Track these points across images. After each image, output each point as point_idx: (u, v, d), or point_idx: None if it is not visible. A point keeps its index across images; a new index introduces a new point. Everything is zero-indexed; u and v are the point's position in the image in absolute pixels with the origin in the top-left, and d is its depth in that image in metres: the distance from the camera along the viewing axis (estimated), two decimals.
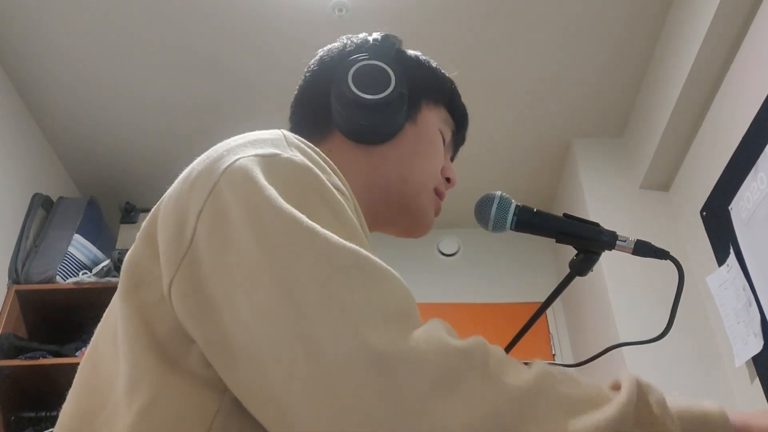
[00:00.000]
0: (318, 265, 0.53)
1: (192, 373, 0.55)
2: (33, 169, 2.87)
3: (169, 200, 0.62)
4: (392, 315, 0.53)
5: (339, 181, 0.65)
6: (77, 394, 0.64)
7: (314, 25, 2.40)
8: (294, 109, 0.89)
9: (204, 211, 0.57)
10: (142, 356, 0.56)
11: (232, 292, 0.53)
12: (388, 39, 0.87)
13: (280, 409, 0.50)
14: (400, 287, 0.56)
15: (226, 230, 0.55)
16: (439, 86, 0.91)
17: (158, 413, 0.54)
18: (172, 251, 0.57)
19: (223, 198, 0.57)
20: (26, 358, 2.43)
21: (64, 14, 2.40)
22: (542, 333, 3.19)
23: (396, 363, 0.49)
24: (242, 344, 0.52)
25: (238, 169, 0.58)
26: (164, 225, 0.60)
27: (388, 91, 0.80)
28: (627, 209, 2.70)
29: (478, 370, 0.51)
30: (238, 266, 0.53)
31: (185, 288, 0.55)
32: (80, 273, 2.68)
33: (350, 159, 0.81)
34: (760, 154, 1.90)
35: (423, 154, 0.86)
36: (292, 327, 0.50)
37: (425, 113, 0.87)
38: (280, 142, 0.64)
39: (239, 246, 0.54)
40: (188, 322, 0.55)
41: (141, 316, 0.58)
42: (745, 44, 2.05)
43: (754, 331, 1.96)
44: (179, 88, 2.73)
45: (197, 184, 0.60)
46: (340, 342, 0.49)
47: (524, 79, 2.69)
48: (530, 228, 0.86)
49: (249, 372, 0.51)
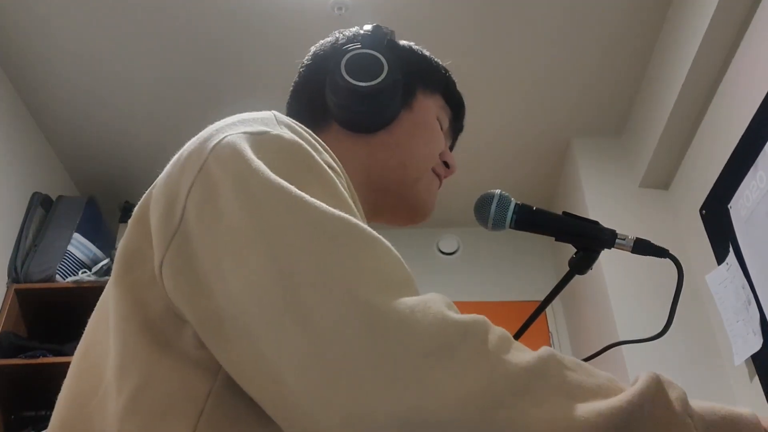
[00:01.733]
0: (308, 233, 0.52)
1: (184, 355, 0.55)
2: (32, 168, 2.87)
3: (160, 183, 0.62)
4: (385, 282, 0.52)
5: (331, 159, 0.64)
6: (70, 381, 0.64)
7: (314, 25, 2.39)
8: (290, 104, 0.89)
9: (193, 188, 0.57)
10: (133, 338, 0.56)
11: (222, 266, 0.53)
12: (379, 29, 0.87)
13: (273, 382, 0.49)
14: (392, 256, 0.55)
15: (214, 204, 0.55)
16: (433, 74, 0.91)
17: (150, 395, 0.54)
18: (163, 230, 0.57)
19: (212, 174, 0.57)
20: (26, 357, 2.43)
21: (63, 14, 2.40)
22: (542, 331, 3.19)
23: (390, 327, 0.48)
24: (233, 318, 0.51)
25: (226, 145, 0.58)
26: (155, 206, 0.60)
27: (381, 77, 0.80)
28: (626, 207, 2.70)
29: (475, 344, 0.50)
30: (227, 239, 0.53)
31: (176, 266, 0.55)
32: (80, 272, 2.68)
33: (348, 148, 0.81)
34: (760, 153, 1.90)
35: (420, 139, 0.86)
36: (282, 295, 0.50)
37: (421, 100, 0.87)
38: (270, 120, 0.64)
39: (228, 219, 0.54)
40: (179, 301, 0.55)
41: (133, 297, 0.58)
42: (745, 42, 2.05)
43: (753, 330, 1.96)
44: (180, 88, 2.73)
45: (187, 164, 0.60)
46: (331, 307, 0.49)
47: (523, 78, 2.69)
48: (529, 226, 0.86)
49: (241, 346, 0.51)
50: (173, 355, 0.55)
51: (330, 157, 0.65)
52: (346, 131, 0.82)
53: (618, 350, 2.34)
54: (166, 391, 0.54)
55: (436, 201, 0.89)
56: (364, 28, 0.88)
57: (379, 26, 0.88)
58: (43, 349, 2.49)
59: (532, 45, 2.54)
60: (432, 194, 0.88)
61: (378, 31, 0.87)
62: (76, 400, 0.61)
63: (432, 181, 0.88)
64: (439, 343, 0.48)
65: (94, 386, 0.59)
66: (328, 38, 0.90)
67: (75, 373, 0.64)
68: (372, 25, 0.88)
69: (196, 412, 0.53)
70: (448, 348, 0.48)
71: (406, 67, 0.84)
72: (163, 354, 0.55)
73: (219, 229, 0.54)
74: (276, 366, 0.49)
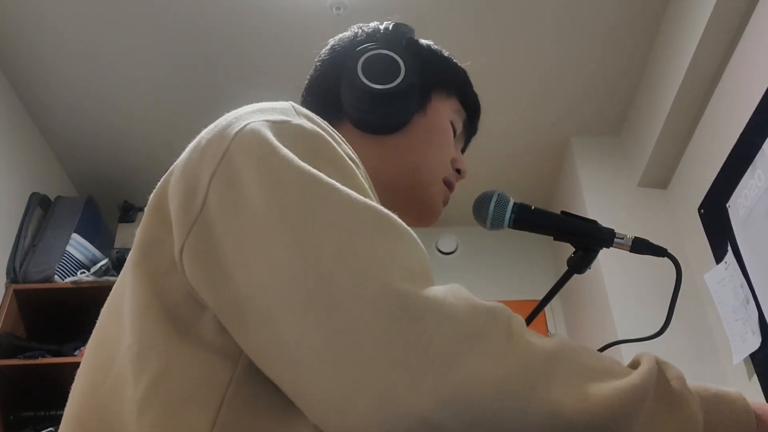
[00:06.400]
0: (337, 221, 0.52)
1: (204, 342, 0.55)
2: (31, 168, 2.87)
3: (179, 169, 0.61)
4: (416, 271, 0.52)
5: (351, 151, 0.64)
6: (83, 374, 0.64)
7: (313, 25, 2.39)
8: (304, 98, 0.89)
9: (216, 176, 0.56)
10: (152, 326, 0.56)
11: (247, 253, 0.52)
12: (399, 28, 0.87)
13: (294, 369, 0.49)
14: (419, 247, 0.56)
15: (239, 192, 0.55)
16: (450, 76, 0.90)
17: (170, 383, 0.53)
18: (183, 217, 0.57)
19: (236, 161, 0.56)
20: (25, 358, 2.43)
21: (62, 12, 2.39)
22: (541, 330, 3.19)
23: (424, 312, 0.49)
24: (257, 305, 0.51)
25: (250, 132, 0.58)
26: (174, 192, 0.59)
27: (398, 80, 0.80)
28: (625, 207, 2.70)
29: (504, 330, 0.52)
30: (252, 226, 0.53)
31: (197, 252, 0.55)
32: (78, 272, 2.67)
33: (359, 148, 0.79)
34: (758, 152, 1.90)
35: (433, 144, 0.85)
36: (313, 282, 0.50)
37: (436, 103, 0.86)
38: (289, 110, 0.64)
39: (254, 206, 0.53)
40: (200, 287, 0.55)
41: (151, 285, 0.58)
42: (743, 41, 2.05)
43: (752, 329, 1.97)
44: (178, 87, 2.73)
45: (208, 150, 0.59)
46: (364, 292, 0.49)
47: (522, 77, 2.69)
48: (528, 226, 0.86)
49: (263, 333, 0.51)
50: (193, 342, 0.55)
51: (349, 149, 0.65)
52: (359, 131, 0.82)
53: (617, 349, 2.33)
54: (187, 378, 0.53)
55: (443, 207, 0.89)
56: (384, 25, 0.87)
57: (399, 24, 0.87)
58: (41, 349, 2.49)
59: (530, 44, 2.54)
60: (440, 201, 0.87)
61: (398, 30, 0.86)
62: (89, 392, 0.60)
63: (442, 188, 0.87)
64: (473, 328, 0.50)
65: (105, 373, 0.59)
66: (347, 33, 0.89)
67: (87, 366, 0.64)
68: (392, 23, 0.87)
69: (217, 399, 0.52)
70: (480, 333, 0.50)
71: (424, 69, 0.84)
72: (183, 341, 0.55)
73: (244, 216, 0.54)
74: (301, 353, 0.49)
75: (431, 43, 0.91)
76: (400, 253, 0.53)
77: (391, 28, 0.87)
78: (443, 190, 0.87)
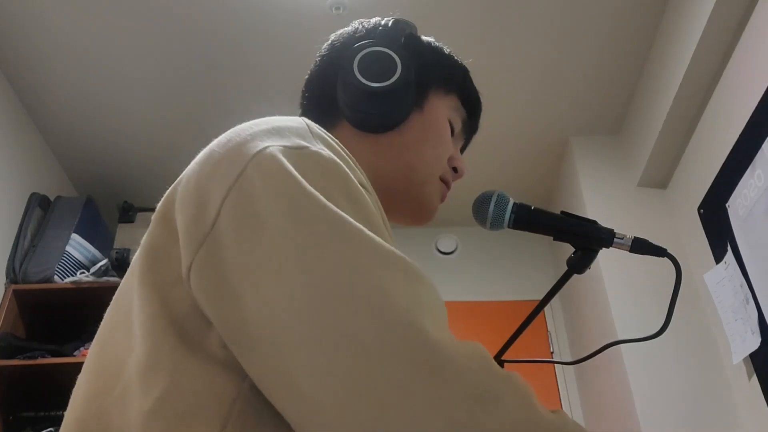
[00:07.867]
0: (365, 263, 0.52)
1: (211, 355, 0.54)
2: (30, 168, 2.87)
3: (189, 181, 0.60)
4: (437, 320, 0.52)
5: (362, 176, 0.64)
6: (86, 379, 0.63)
7: (312, 25, 2.39)
8: (303, 95, 0.88)
9: (230, 196, 0.55)
10: (160, 337, 0.55)
11: (258, 278, 0.52)
12: (398, 24, 0.86)
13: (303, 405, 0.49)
14: (438, 296, 0.56)
15: (256, 218, 0.54)
16: (449, 74, 0.89)
17: (177, 397, 0.53)
18: (193, 233, 0.56)
19: (253, 186, 0.55)
20: (24, 358, 2.43)
21: (61, 13, 2.39)
22: (540, 330, 3.19)
23: (446, 364, 0.49)
24: (267, 333, 0.50)
25: (270, 157, 0.57)
26: (183, 206, 0.58)
27: (393, 78, 0.79)
28: (624, 207, 2.71)
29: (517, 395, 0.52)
30: (269, 254, 0.52)
31: (205, 271, 0.54)
32: (78, 272, 2.67)
33: (356, 147, 0.79)
34: (758, 151, 1.90)
35: (430, 142, 0.84)
36: (334, 321, 0.49)
37: (433, 101, 0.85)
38: (305, 132, 0.63)
39: (272, 234, 0.53)
40: (206, 305, 0.54)
41: (159, 295, 0.57)
42: (743, 41, 2.05)
43: (751, 328, 1.97)
44: (178, 87, 2.73)
45: (221, 167, 0.58)
46: (388, 336, 0.48)
47: (521, 77, 2.70)
48: (528, 226, 0.86)
49: (270, 360, 0.50)
50: (200, 356, 0.54)
51: (361, 174, 0.64)
52: (355, 129, 0.81)
53: (616, 349, 2.34)
54: (193, 392, 0.53)
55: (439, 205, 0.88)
56: (384, 21, 0.87)
57: (399, 21, 0.86)
58: (41, 349, 2.49)
59: (530, 44, 2.55)
60: (436, 199, 0.87)
61: (396, 26, 0.85)
62: (93, 398, 0.60)
63: (438, 185, 0.86)
64: (488, 388, 0.50)
65: (112, 384, 0.58)
66: (347, 28, 0.88)
67: (91, 370, 0.63)
68: (392, 20, 0.86)
69: (223, 414, 0.52)
70: (495, 395, 0.50)
71: (422, 67, 0.83)
72: (191, 354, 0.54)
73: (260, 243, 0.53)
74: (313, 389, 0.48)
75: (432, 40, 0.90)
76: (427, 300, 0.53)
77: (390, 25, 0.86)
78: (440, 188, 0.87)
